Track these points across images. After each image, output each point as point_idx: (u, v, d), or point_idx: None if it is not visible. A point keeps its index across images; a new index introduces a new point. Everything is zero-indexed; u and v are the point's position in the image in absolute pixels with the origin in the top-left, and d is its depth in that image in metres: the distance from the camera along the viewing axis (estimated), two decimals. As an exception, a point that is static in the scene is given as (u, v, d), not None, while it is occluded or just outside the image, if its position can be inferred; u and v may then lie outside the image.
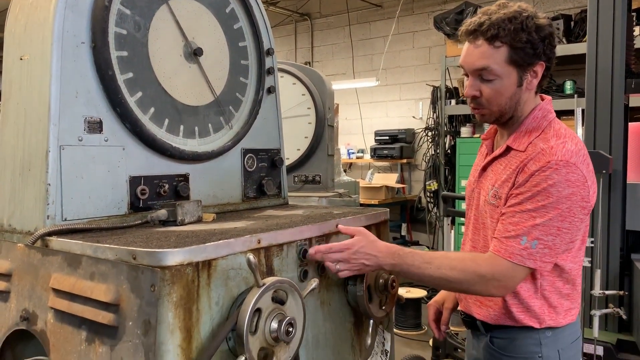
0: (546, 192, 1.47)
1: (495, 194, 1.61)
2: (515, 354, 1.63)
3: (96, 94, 1.57)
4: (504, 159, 1.64)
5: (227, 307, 1.32)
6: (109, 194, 1.59)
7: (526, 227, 1.48)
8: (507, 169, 1.61)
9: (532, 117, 1.62)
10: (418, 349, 4.44)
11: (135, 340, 1.08)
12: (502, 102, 1.59)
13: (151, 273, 1.09)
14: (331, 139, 3.60)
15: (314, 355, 1.61)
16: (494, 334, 1.68)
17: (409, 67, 7.39)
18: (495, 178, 1.64)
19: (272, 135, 2.16)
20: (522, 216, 1.49)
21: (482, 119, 1.67)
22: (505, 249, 1.50)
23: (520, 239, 1.48)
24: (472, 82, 1.59)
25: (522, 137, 1.61)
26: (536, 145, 1.56)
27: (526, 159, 1.54)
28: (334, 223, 1.69)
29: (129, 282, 1.12)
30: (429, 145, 6.78)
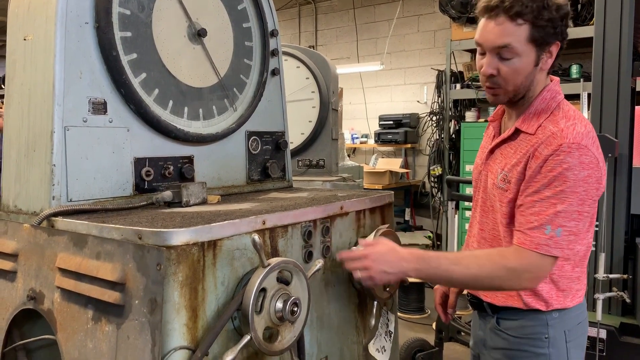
0: (562, 176, 1.45)
1: (505, 178, 1.59)
2: (522, 334, 1.63)
3: (100, 75, 1.56)
4: (513, 143, 1.62)
5: (232, 287, 1.33)
6: (114, 175, 1.59)
7: (548, 216, 1.46)
8: (517, 153, 1.58)
9: (540, 99, 1.60)
10: (421, 332, 4.47)
11: (141, 319, 1.09)
12: (519, 81, 1.56)
13: (157, 252, 1.09)
14: (335, 123, 3.59)
15: (318, 335, 1.62)
16: (500, 315, 1.68)
17: (414, 51, 7.33)
18: (505, 162, 1.62)
19: (277, 118, 2.15)
20: (542, 204, 1.47)
21: (494, 100, 1.63)
22: (531, 240, 1.47)
23: (544, 228, 1.46)
24: (490, 60, 1.55)
25: (531, 119, 1.59)
26: (546, 128, 1.54)
27: (537, 142, 1.52)
28: (338, 205, 1.69)
29: (135, 261, 1.12)
30: (433, 129, 6.74)
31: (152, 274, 1.09)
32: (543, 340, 1.61)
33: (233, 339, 1.31)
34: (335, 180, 3.27)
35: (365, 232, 1.80)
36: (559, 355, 1.61)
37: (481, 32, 1.56)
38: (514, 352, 1.64)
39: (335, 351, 1.69)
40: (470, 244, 1.78)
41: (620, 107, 3.17)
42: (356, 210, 1.77)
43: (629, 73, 3.16)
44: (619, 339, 3.10)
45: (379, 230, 1.73)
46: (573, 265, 1.60)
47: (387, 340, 1.84)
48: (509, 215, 1.59)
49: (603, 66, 3.24)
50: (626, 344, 3.08)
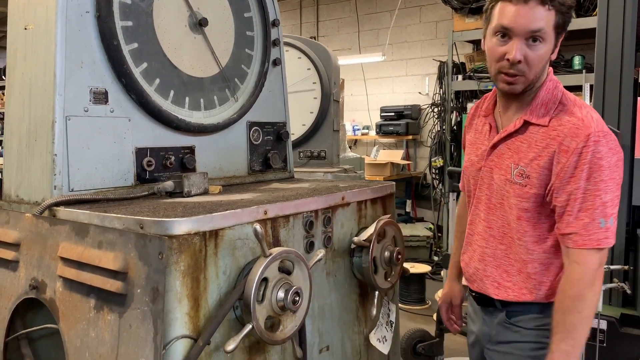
0: (598, 166, 1.46)
1: (522, 173, 1.57)
2: (535, 326, 1.62)
3: (101, 65, 1.56)
4: (523, 136, 1.59)
5: (234, 277, 1.33)
6: (115, 165, 1.59)
7: (597, 209, 1.46)
8: (532, 147, 1.56)
9: (545, 89, 1.59)
10: (422, 323, 4.48)
11: (143, 308, 1.09)
12: (540, 69, 1.54)
13: (159, 241, 1.09)
14: (337, 114, 3.58)
15: (319, 325, 1.63)
16: (510, 308, 1.66)
17: (416, 42, 7.30)
18: (519, 157, 1.59)
19: (278, 109, 2.15)
20: (588, 199, 1.47)
21: (510, 89, 1.57)
22: (590, 238, 1.47)
23: (598, 222, 1.47)
24: (520, 46, 1.51)
25: (539, 110, 1.57)
26: (562, 119, 1.53)
27: (557, 135, 1.51)
28: (340, 195, 1.69)
29: (136, 250, 1.13)
30: (434, 121, 6.72)
31: (154, 263, 1.09)
32: None
33: (235, 328, 1.32)
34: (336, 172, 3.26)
35: (367, 223, 1.80)
36: None
37: (513, 16, 1.50)
38: (526, 344, 1.63)
39: (337, 341, 1.70)
40: (475, 242, 1.74)
41: (623, 98, 3.16)
42: (357, 201, 1.77)
43: (632, 64, 3.14)
44: (619, 329, 3.11)
45: (380, 221, 1.73)
46: None
47: (388, 330, 1.85)
48: (531, 210, 1.57)
49: (606, 57, 3.22)
50: (626, 335, 3.09)
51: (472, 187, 1.77)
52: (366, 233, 1.71)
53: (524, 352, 1.65)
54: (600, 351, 3.03)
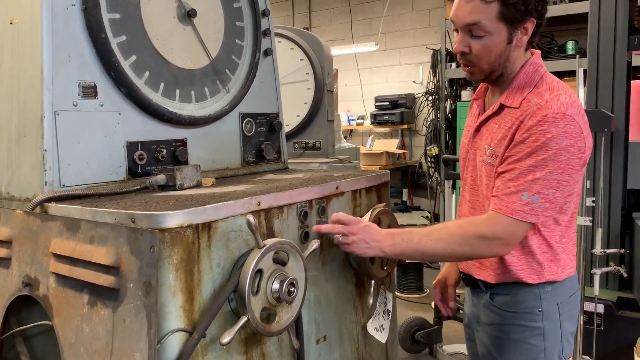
0: (545, 145, 1.46)
1: (492, 153, 1.60)
2: (516, 309, 1.64)
3: (89, 58, 1.54)
4: (498, 118, 1.62)
5: (228, 269, 1.32)
6: (106, 159, 1.58)
7: (526, 182, 1.47)
8: (502, 127, 1.59)
9: (523, 73, 1.60)
10: (420, 312, 4.49)
11: (137, 302, 1.09)
12: (492, 59, 1.57)
13: (150, 234, 1.08)
14: (331, 104, 3.56)
15: (316, 315, 1.62)
16: (494, 290, 1.69)
17: (409, 30, 7.26)
18: (491, 137, 1.62)
19: (270, 99, 2.13)
20: (522, 172, 1.48)
21: (471, 77, 1.65)
22: (507, 205, 1.48)
23: (521, 194, 1.47)
24: (462, 38, 1.57)
25: (515, 93, 1.59)
26: (530, 101, 1.54)
27: (522, 115, 1.53)
28: (334, 185, 1.68)
29: (128, 244, 1.12)
30: (429, 109, 6.71)
31: (146, 257, 1.08)
32: (537, 313, 1.62)
33: (230, 321, 1.31)
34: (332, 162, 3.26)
35: (362, 212, 1.79)
36: (553, 328, 1.62)
37: (454, 9, 1.58)
38: (509, 327, 1.65)
39: (334, 331, 1.70)
40: None
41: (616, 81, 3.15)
42: (352, 190, 1.76)
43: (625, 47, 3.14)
44: (616, 313, 3.12)
45: (375, 210, 1.73)
46: (560, 235, 1.61)
47: (386, 319, 1.85)
48: None
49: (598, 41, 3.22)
50: (624, 318, 3.11)
51: (462, 170, 1.81)
52: (361, 222, 1.70)
53: (507, 335, 1.67)
54: (598, 335, 3.05)
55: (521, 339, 1.63)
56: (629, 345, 2.96)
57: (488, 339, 1.70)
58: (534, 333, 1.62)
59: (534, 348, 1.62)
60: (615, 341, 3.10)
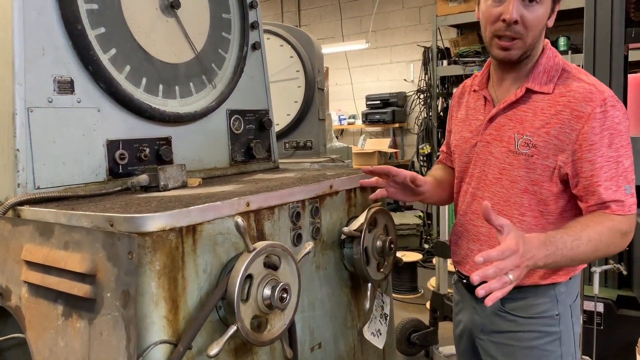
0: (618, 132, 1.41)
1: (528, 143, 1.47)
2: (532, 314, 1.52)
3: (65, 51, 1.44)
4: (526, 105, 1.50)
5: (216, 275, 1.23)
6: (84, 159, 1.48)
7: (622, 176, 1.42)
8: (538, 115, 1.47)
9: (546, 57, 1.51)
10: (415, 312, 4.42)
11: (114, 313, 0.99)
12: (537, 33, 1.46)
13: (128, 239, 0.99)
14: (322, 102, 3.48)
15: (310, 321, 1.54)
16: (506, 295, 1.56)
17: (399, 28, 7.19)
18: (523, 127, 1.49)
19: (259, 95, 2.04)
20: (610, 166, 1.41)
21: (506, 55, 1.48)
22: (623, 205, 1.42)
23: (624, 189, 1.42)
24: (517, 5, 1.42)
25: (541, 77, 1.49)
26: (569, 86, 1.45)
27: (569, 102, 1.43)
28: (327, 184, 1.59)
29: (104, 250, 1.02)
30: (421, 108, 6.63)
31: (124, 264, 0.98)
32: (554, 317, 1.51)
33: (219, 330, 1.22)
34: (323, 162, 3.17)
35: (357, 212, 1.71)
36: (567, 332, 1.53)
37: None
38: (523, 334, 1.53)
39: (329, 337, 1.61)
40: (468, 221, 1.63)
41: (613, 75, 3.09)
42: (346, 189, 1.68)
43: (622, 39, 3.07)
44: (616, 311, 3.06)
45: (371, 209, 1.64)
46: None
47: (383, 323, 1.76)
48: (538, 184, 1.48)
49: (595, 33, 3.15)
50: (624, 317, 3.04)
51: (464, 165, 1.67)
52: (356, 222, 1.62)
53: (521, 342, 1.54)
54: (598, 334, 2.98)
55: (537, 345, 1.52)
56: (630, 345, 2.89)
57: (497, 348, 1.58)
58: (550, 339, 1.52)
59: (551, 355, 1.52)
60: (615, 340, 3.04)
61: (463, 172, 1.68)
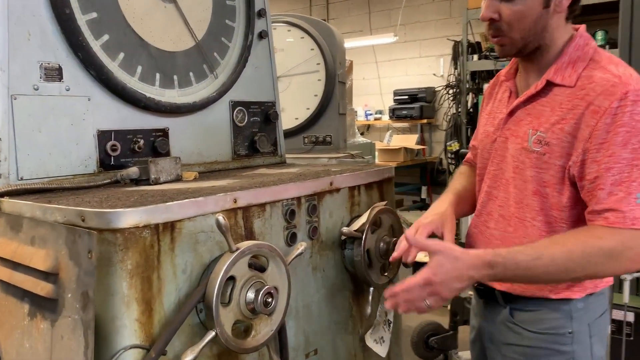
0: (637, 130, 1.21)
1: (541, 140, 1.33)
2: (542, 329, 1.40)
3: (53, 36, 1.38)
4: (545, 99, 1.37)
5: (197, 276, 1.15)
6: (73, 150, 1.42)
7: (636, 182, 1.21)
8: (555, 110, 1.33)
9: (574, 46, 1.36)
10: (435, 315, 4.27)
11: (74, 316, 0.92)
12: (526, 27, 1.32)
13: (88, 237, 0.91)
14: (343, 96, 3.38)
15: (305, 326, 1.44)
16: (515, 305, 1.44)
17: (429, 21, 7.01)
18: (539, 122, 1.36)
19: (266, 87, 1.95)
20: (624, 169, 1.22)
21: (502, 52, 1.40)
22: (624, 216, 1.21)
23: (634, 197, 1.21)
24: (490, 2, 1.33)
25: (565, 69, 1.34)
26: (593, 77, 1.29)
27: (587, 95, 1.28)
28: (327, 181, 1.50)
29: (67, 247, 0.95)
30: (450, 103, 6.45)
31: (84, 263, 0.91)
32: (566, 335, 1.38)
33: (200, 335, 1.14)
34: (342, 157, 3.07)
35: (361, 210, 1.61)
36: (583, 352, 1.39)
37: None
38: (532, 350, 1.42)
39: (326, 343, 1.51)
40: (481, 223, 1.53)
41: (650, 70, 2.90)
42: (349, 187, 1.57)
43: (660, 34, 2.88)
44: (647, 322, 2.88)
45: (374, 209, 1.54)
46: None
47: (386, 330, 1.66)
48: (550, 185, 1.34)
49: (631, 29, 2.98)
50: (656, 328, 2.86)
51: (484, 162, 1.55)
52: (358, 222, 1.52)
53: (527, 358, 1.42)
54: (627, 345, 2.81)
55: None
56: (662, 358, 2.72)
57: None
58: (561, 358, 1.39)
59: None
60: (646, 353, 2.86)
61: (483, 168, 1.57)
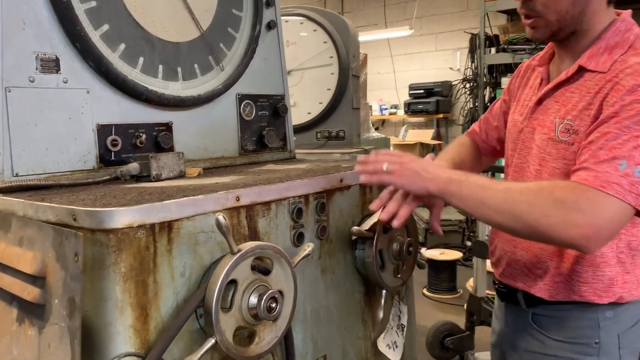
0: None
1: (568, 128, 1.24)
2: (565, 338, 1.31)
3: (50, 26, 1.31)
4: (576, 85, 1.28)
5: (196, 279, 1.08)
6: (71, 145, 1.36)
7: (627, 149, 1.09)
8: (584, 96, 1.24)
9: (613, 31, 1.26)
10: (452, 314, 4.19)
11: (61, 323, 0.86)
12: (563, 8, 1.23)
13: (75, 238, 0.85)
14: (356, 90, 3.30)
15: (314, 331, 1.37)
16: (538, 310, 1.36)
17: (446, 14, 6.88)
18: (566, 109, 1.27)
19: (275, 79, 1.88)
20: (620, 136, 1.10)
21: (535, 35, 1.30)
22: (596, 175, 1.09)
23: (618, 162, 1.08)
24: None
25: (601, 54, 1.25)
26: (627, 62, 1.20)
27: (615, 76, 1.19)
28: (337, 177, 1.42)
29: (54, 249, 0.89)
30: (467, 98, 6.34)
31: (71, 267, 0.84)
32: (592, 346, 1.29)
33: (199, 341, 1.07)
34: (355, 153, 3.00)
35: (373, 209, 1.52)
36: None
37: None
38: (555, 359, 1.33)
39: (336, 348, 1.44)
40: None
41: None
42: (361, 183, 1.49)
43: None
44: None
45: (387, 207, 1.45)
46: None
47: (399, 335, 1.58)
48: None
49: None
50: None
51: (511, 153, 1.46)
52: (369, 221, 1.44)
53: None
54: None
55: None
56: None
57: None
58: None
59: None
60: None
61: (509, 159, 1.48)
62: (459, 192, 1.17)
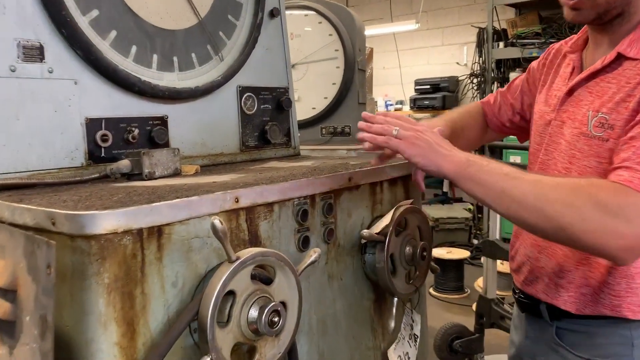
0: None
1: (603, 122, 1.13)
2: (593, 356, 1.21)
3: (33, 10, 1.21)
4: (614, 75, 1.16)
5: (190, 289, 0.98)
6: (57, 140, 1.25)
7: None
8: (623, 87, 1.12)
9: None
10: (460, 314, 4.08)
11: (32, 344, 0.75)
12: None
13: (47, 247, 0.74)
14: (362, 85, 3.19)
15: (320, 342, 1.26)
16: (562, 324, 1.25)
17: (452, 8, 6.75)
18: (601, 101, 1.16)
19: (278, 71, 1.76)
20: None
21: (576, 17, 1.19)
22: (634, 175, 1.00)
23: None
24: None
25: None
26: None
27: None
28: (345, 176, 1.31)
29: (25, 258, 0.78)
30: (474, 93, 6.21)
31: (42, 280, 0.74)
32: None
33: (194, 359, 0.97)
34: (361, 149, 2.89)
35: (384, 210, 1.42)
36: None
37: None
38: None
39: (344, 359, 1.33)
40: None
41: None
42: (370, 183, 1.38)
43: None
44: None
45: (398, 208, 1.34)
46: None
47: (412, 345, 1.47)
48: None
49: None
50: None
51: (536, 147, 1.36)
52: (380, 224, 1.33)
53: None
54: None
55: None
56: None
57: None
58: None
59: None
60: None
61: (534, 154, 1.37)
62: (478, 177, 1.05)
